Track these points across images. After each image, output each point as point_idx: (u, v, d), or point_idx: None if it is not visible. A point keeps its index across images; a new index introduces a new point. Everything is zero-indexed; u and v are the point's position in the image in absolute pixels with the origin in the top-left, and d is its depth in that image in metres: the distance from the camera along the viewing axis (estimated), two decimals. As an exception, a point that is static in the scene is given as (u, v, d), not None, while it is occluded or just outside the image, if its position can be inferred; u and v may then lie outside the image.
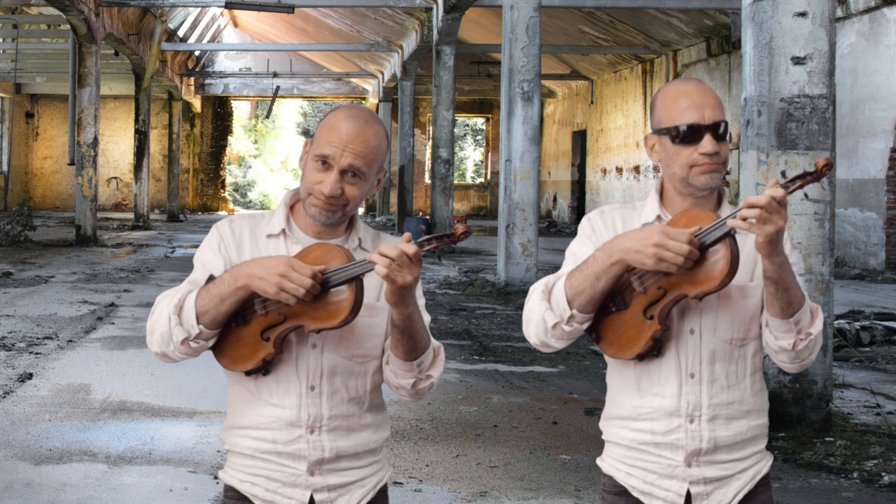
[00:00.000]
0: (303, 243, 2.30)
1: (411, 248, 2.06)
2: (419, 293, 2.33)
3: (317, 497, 2.30)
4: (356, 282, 2.14)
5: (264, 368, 2.25)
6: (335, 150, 2.22)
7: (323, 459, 2.29)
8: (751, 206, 2.02)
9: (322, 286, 2.13)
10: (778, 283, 2.13)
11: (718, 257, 2.12)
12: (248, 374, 2.27)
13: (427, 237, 2.10)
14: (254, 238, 2.33)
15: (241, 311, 2.21)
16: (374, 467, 2.38)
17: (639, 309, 2.22)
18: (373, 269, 2.10)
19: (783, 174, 1.78)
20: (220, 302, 2.17)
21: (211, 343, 2.24)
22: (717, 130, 2.23)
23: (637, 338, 2.23)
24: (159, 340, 2.23)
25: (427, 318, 2.33)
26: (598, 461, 2.43)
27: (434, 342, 2.33)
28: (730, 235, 2.11)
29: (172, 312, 2.20)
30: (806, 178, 2.03)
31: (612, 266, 2.18)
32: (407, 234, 2.10)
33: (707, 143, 2.23)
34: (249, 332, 2.21)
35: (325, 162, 2.22)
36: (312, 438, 2.28)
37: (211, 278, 2.23)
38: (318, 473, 2.30)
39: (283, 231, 2.32)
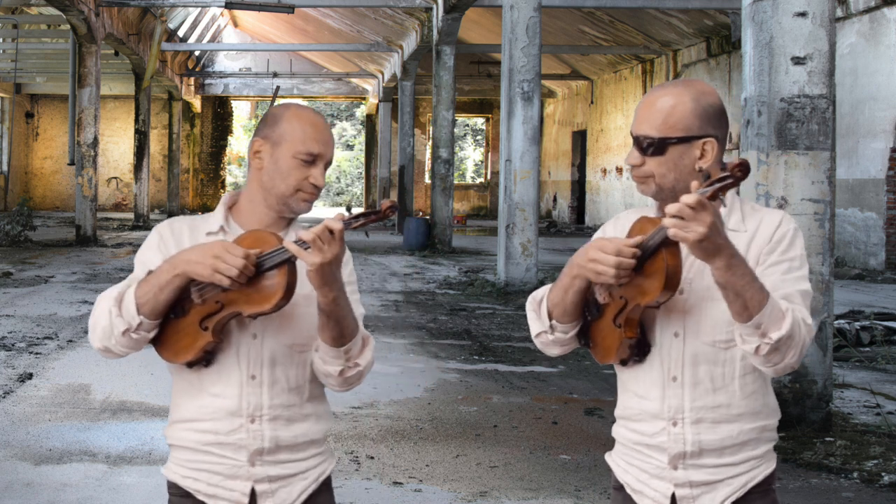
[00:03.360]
0: None
1: (337, 225, 2.12)
2: (354, 288, 2.40)
3: (258, 488, 2.34)
4: (289, 265, 2.19)
5: (205, 359, 2.30)
6: (320, 146, 2.34)
7: (263, 449, 2.33)
8: (668, 214, 2.00)
9: (256, 268, 2.19)
10: (726, 287, 2.09)
11: (658, 267, 2.14)
12: (189, 365, 2.31)
13: (354, 215, 2.16)
14: (193, 236, 2.39)
15: (179, 302, 2.25)
16: (317, 459, 2.41)
17: (610, 317, 2.27)
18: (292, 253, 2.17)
19: (708, 176, 1.71)
20: (158, 291, 2.21)
21: (152, 334, 2.28)
22: (641, 144, 2.26)
23: (613, 345, 2.28)
24: (100, 335, 2.27)
25: (360, 310, 2.40)
26: (606, 455, 2.47)
27: (364, 331, 2.37)
28: (669, 243, 2.10)
29: (112, 305, 2.25)
30: (724, 180, 1.97)
31: (573, 280, 2.26)
32: (339, 213, 2.17)
33: (630, 153, 2.29)
34: (188, 322, 2.26)
35: (312, 159, 2.33)
36: (253, 428, 2.32)
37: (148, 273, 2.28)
38: (258, 464, 2.33)
39: (222, 228, 2.38)
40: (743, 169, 1.95)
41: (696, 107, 2.24)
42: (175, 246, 2.36)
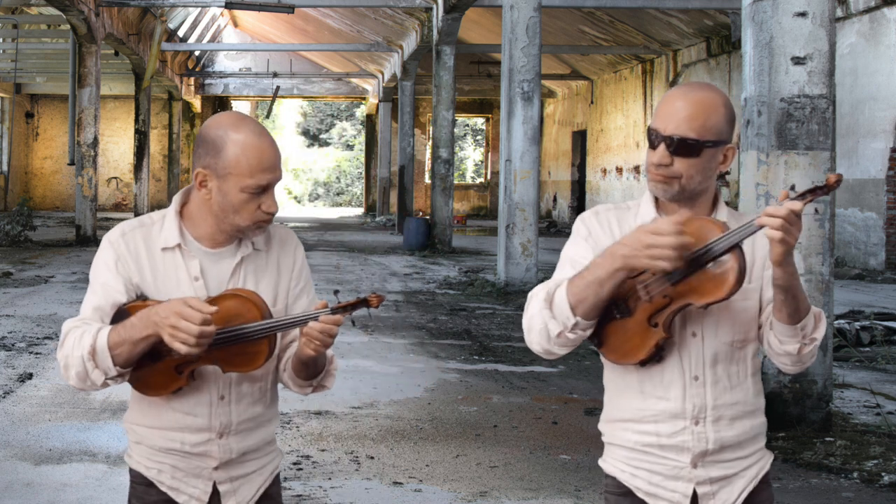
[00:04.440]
0: (199, 257, 2.34)
1: (335, 318, 2.22)
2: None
3: (220, 487, 2.39)
4: (274, 336, 2.28)
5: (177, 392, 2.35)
6: (269, 174, 2.27)
7: (231, 460, 2.39)
8: (770, 216, 2.04)
9: (238, 339, 2.24)
10: (787, 290, 2.16)
11: (727, 268, 2.14)
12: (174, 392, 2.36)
13: (342, 304, 2.24)
14: (149, 252, 2.35)
15: (156, 347, 2.26)
16: (271, 456, 2.48)
17: (643, 317, 2.22)
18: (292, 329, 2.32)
19: (793, 188, 1.78)
20: (132, 346, 2.21)
21: (128, 376, 2.30)
22: (671, 145, 2.22)
23: (641, 345, 2.24)
24: (76, 378, 2.26)
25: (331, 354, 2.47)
26: (601, 462, 2.42)
27: (328, 354, 2.44)
28: (738, 246, 2.13)
29: (87, 356, 2.23)
30: (817, 191, 2.05)
31: (616, 272, 2.15)
32: (322, 301, 2.25)
33: (656, 153, 2.25)
34: (165, 366, 2.29)
35: (262, 190, 2.27)
36: (221, 442, 2.37)
37: (120, 311, 2.26)
38: (222, 469, 2.39)
39: (179, 245, 2.35)
40: (839, 182, 2.05)
41: (727, 113, 2.26)
42: (134, 265, 2.32)
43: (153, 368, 2.29)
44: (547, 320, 2.24)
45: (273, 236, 2.44)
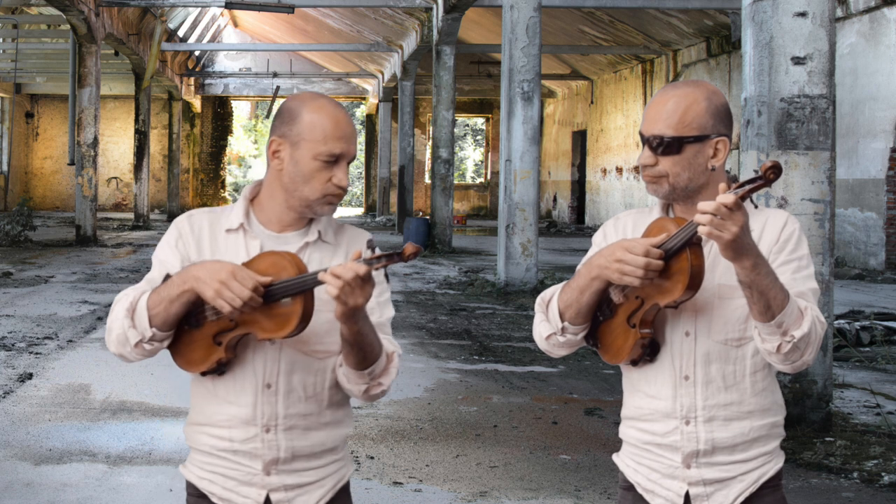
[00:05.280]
0: (261, 238, 2.30)
1: (362, 269, 2.03)
2: (384, 288, 2.33)
3: (273, 497, 2.28)
4: (307, 294, 2.12)
5: (219, 370, 2.26)
6: (343, 143, 2.23)
7: (279, 459, 2.28)
8: (703, 213, 2.02)
9: (269, 297, 2.12)
10: (751, 287, 2.11)
11: (681, 267, 2.13)
12: (203, 374, 2.27)
13: (377, 255, 2.06)
14: (212, 233, 2.31)
15: (194, 313, 2.21)
16: (334, 466, 2.35)
17: (623, 318, 2.26)
18: (322, 285, 2.08)
19: (735, 178, 1.76)
20: (168, 304, 2.16)
21: (166, 343, 2.24)
22: (652, 145, 2.25)
23: (624, 345, 2.28)
24: (115, 342, 2.23)
25: (390, 312, 2.34)
26: (614, 456, 2.48)
27: (389, 347, 2.30)
28: (692, 243, 2.11)
29: (125, 315, 2.20)
30: (755, 182, 2.00)
31: (592, 281, 2.24)
32: (357, 251, 2.07)
33: (643, 154, 2.28)
34: (202, 335, 2.21)
35: (334, 159, 2.23)
36: (268, 437, 2.27)
37: (167, 277, 2.22)
38: (274, 473, 2.28)
39: (242, 226, 2.30)
40: (776, 171, 1.97)
41: (709, 106, 2.26)
42: (194, 245, 2.30)
43: (191, 339, 2.23)
44: (540, 323, 2.37)
45: (345, 230, 2.37)
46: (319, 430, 2.31)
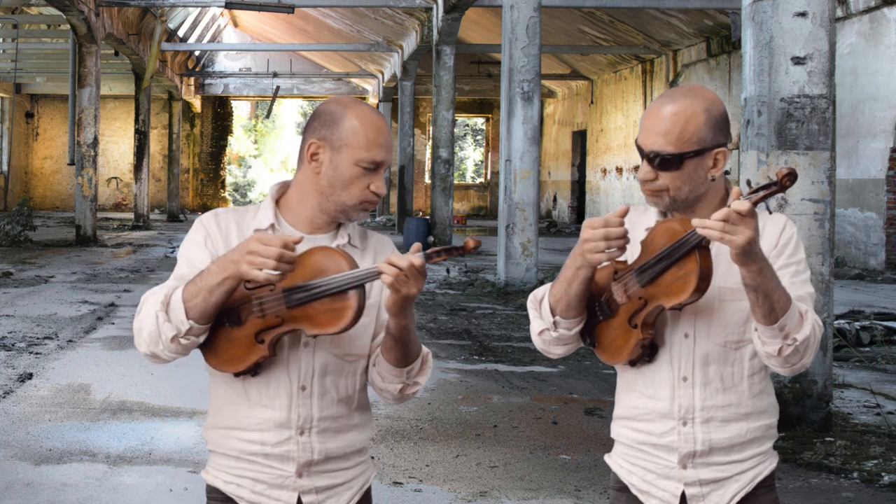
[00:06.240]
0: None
1: (419, 260, 2.06)
2: None
3: (305, 499, 2.27)
4: (360, 289, 2.11)
5: (254, 370, 2.21)
6: (384, 152, 2.23)
7: (312, 461, 2.26)
8: (716, 219, 2.03)
9: (328, 291, 2.10)
10: (757, 290, 2.12)
11: (688, 269, 2.14)
12: (236, 374, 2.23)
13: (437, 249, 2.08)
14: (241, 233, 2.28)
15: (235, 310, 2.16)
16: (362, 468, 2.35)
17: (624, 318, 2.26)
18: (378, 278, 2.09)
19: (748, 183, 1.76)
20: (208, 294, 2.10)
21: (202, 339, 2.17)
22: (652, 161, 2.24)
23: (624, 345, 2.28)
24: (147, 340, 2.16)
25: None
26: (606, 457, 2.47)
27: (424, 349, 2.32)
28: (700, 246, 2.12)
29: (160, 310, 2.13)
30: (770, 188, 2.01)
31: (577, 271, 2.25)
32: (417, 245, 2.09)
33: (642, 169, 2.28)
34: (243, 333, 2.16)
35: (375, 167, 2.22)
36: (302, 440, 2.25)
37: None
38: (306, 475, 2.26)
39: (272, 226, 2.28)
40: (791, 178, 1.98)
41: (708, 118, 2.24)
42: (223, 243, 2.26)
43: (231, 337, 2.16)
44: (533, 320, 2.38)
45: (370, 237, 2.37)
46: (349, 432, 2.31)
